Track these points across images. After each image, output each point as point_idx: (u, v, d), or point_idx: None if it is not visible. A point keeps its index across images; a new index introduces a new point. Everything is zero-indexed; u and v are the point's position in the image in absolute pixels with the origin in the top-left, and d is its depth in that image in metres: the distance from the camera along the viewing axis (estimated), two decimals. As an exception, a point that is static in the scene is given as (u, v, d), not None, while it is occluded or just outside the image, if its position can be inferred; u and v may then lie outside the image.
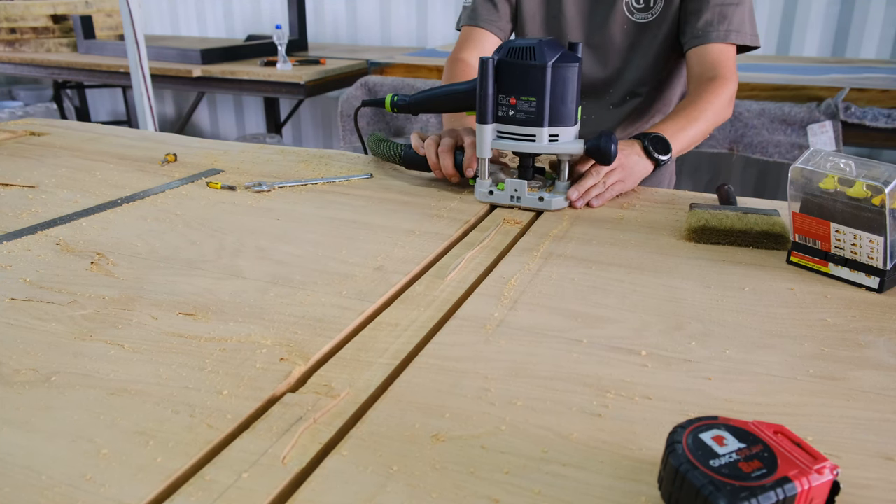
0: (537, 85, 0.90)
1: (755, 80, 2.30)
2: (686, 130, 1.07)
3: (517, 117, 0.93)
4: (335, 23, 3.82)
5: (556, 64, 0.90)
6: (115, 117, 4.66)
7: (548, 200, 0.95)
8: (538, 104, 0.91)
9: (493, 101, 0.93)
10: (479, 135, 0.94)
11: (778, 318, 0.67)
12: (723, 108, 1.13)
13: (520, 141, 0.94)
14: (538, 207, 0.95)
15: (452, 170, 1.02)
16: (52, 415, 0.51)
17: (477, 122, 0.94)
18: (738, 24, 1.16)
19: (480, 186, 0.98)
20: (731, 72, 1.16)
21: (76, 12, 3.56)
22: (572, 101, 0.92)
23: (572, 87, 0.91)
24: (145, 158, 1.25)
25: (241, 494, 0.43)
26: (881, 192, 0.68)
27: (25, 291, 0.71)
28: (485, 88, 0.92)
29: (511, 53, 0.91)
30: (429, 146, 1.04)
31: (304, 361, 0.59)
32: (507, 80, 0.92)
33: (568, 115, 0.92)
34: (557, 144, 0.93)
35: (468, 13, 1.34)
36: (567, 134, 0.93)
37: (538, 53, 0.90)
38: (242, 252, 0.82)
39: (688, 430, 0.42)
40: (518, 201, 0.96)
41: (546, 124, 0.92)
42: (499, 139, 0.95)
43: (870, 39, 2.85)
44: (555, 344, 0.62)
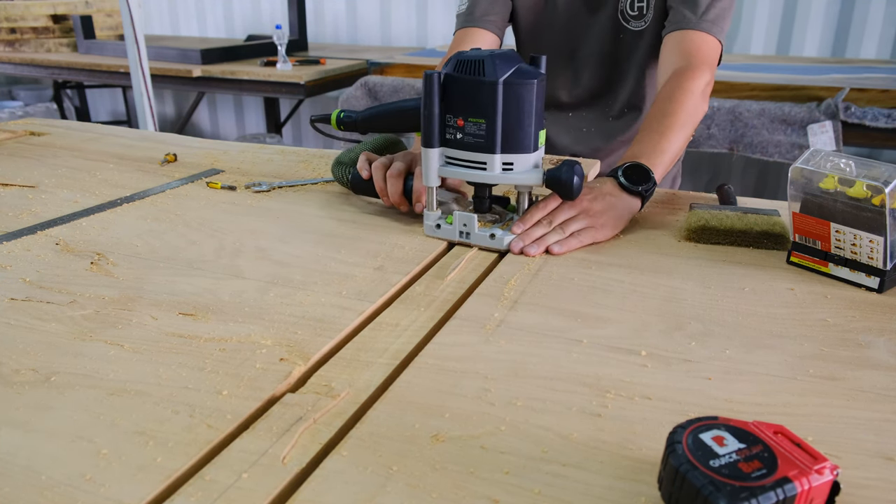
0: (487, 105, 0.77)
1: (755, 80, 2.30)
2: (662, 145, 0.94)
3: (466, 141, 0.80)
4: (335, 23, 3.82)
5: (510, 80, 0.76)
6: (115, 117, 4.66)
7: (499, 238, 0.81)
8: (488, 127, 0.78)
9: (440, 123, 0.81)
10: (424, 160, 0.82)
11: (778, 318, 0.67)
12: (697, 104, 1.02)
13: (470, 169, 0.81)
14: (488, 246, 0.83)
15: (400, 198, 0.90)
16: (52, 415, 0.51)
17: (421, 145, 0.82)
18: (714, 17, 1.10)
19: (427, 219, 0.86)
20: (704, 61, 1.07)
21: (76, 12, 3.56)
22: (530, 125, 0.78)
23: (529, 107, 0.78)
24: (145, 158, 1.25)
25: (241, 494, 0.43)
26: (881, 192, 0.68)
27: (25, 291, 0.72)
28: (429, 107, 0.79)
29: (459, 67, 0.78)
30: (376, 169, 0.91)
31: (304, 361, 0.59)
32: (454, 98, 0.79)
33: (524, 140, 0.79)
34: (512, 174, 0.80)
35: (462, 17, 1.28)
36: (524, 162, 0.80)
37: (488, 68, 0.77)
38: (242, 252, 0.82)
39: (688, 431, 0.42)
40: (467, 238, 0.83)
41: (498, 150, 0.79)
42: (447, 166, 0.83)
43: (870, 39, 2.85)
44: (555, 344, 0.62)
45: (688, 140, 1.00)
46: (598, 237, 0.83)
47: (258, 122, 4.19)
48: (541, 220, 0.83)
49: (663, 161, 0.93)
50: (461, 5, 1.28)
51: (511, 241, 0.81)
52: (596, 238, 0.83)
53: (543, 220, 0.83)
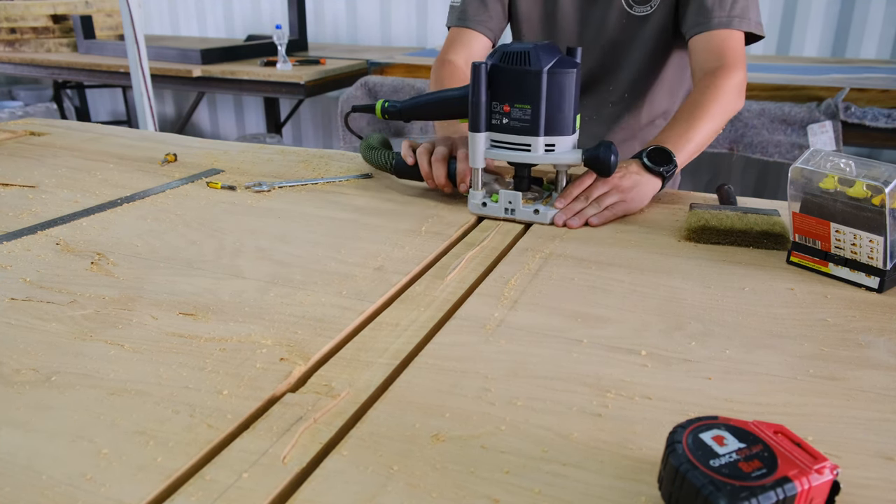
0: (532, 92, 0.86)
1: (755, 80, 2.30)
2: (689, 135, 1.00)
3: (511, 126, 0.88)
4: (335, 23, 3.82)
5: (553, 70, 0.85)
6: (115, 117, 4.66)
7: (543, 213, 0.91)
8: (533, 112, 0.86)
9: (487, 109, 0.89)
10: (472, 144, 0.90)
11: (778, 318, 0.67)
12: (731, 101, 1.06)
13: (514, 150, 0.89)
14: (533, 220, 0.92)
15: (445, 180, 0.98)
16: (52, 415, 0.51)
17: (469, 130, 0.90)
18: (741, 10, 1.10)
19: (473, 198, 0.94)
20: (736, 59, 1.09)
21: (76, 12, 3.56)
22: (570, 109, 0.87)
23: (570, 94, 0.86)
24: (145, 158, 1.25)
25: (241, 494, 0.43)
26: (881, 192, 0.68)
27: (25, 291, 0.72)
28: (477, 95, 0.87)
29: (505, 58, 0.86)
30: (421, 155, 0.99)
31: (304, 361, 0.59)
32: (500, 86, 0.87)
33: (565, 123, 0.88)
34: (554, 154, 0.89)
35: (456, 13, 1.28)
36: (564, 143, 0.89)
37: (533, 58, 0.85)
38: (242, 252, 0.82)
39: (688, 430, 0.42)
40: (512, 214, 0.92)
41: (542, 133, 0.88)
42: (492, 148, 0.91)
43: (870, 39, 2.85)
44: (555, 344, 0.62)
45: (716, 133, 1.04)
46: (631, 208, 0.93)
47: (258, 122, 4.19)
48: (579, 195, 0.92)
49: (687, 148, 0.98)
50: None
51: (554, 216, 0.90)
52: (628, 210, 0.93)
53: (581, 196, 0.92)
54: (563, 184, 0.94)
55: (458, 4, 1.27)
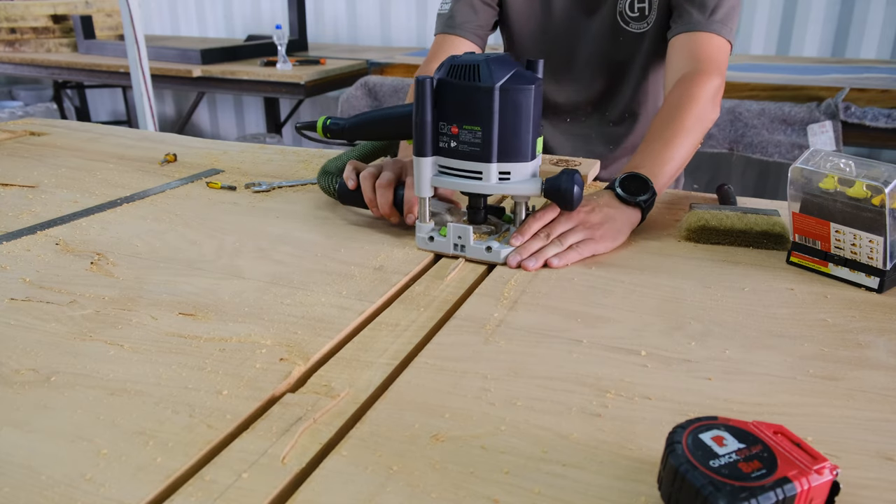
0: (483, 111, 0.74)
1: (755, 80, 2.30)
2: (666, 154, 0.91)
3: (460, 150, 0.76)
4: (335, 23, 3.82)
5: (506, 86, 0.73)
6: (115, 117, 4.66)
7: (496, 251, 0.78)
8: (484, 135, 0.74)
9: (433, 130, 0.77)
10: (417, 170, 0.78)
11: (778, 318, 0.67)
12: (706, 111, 0.98)
13: (464, 178, 0.77)
14: (485, 260, 0.79)
15: (390, 209, 0.86)
16: (52, 415, 0.51)
17: (413, 154, 0.78)
18: (722, 16, 1.05)
19: (419, 231, 0.82)
20: (714, 65, 1.03)
21: (76, 12, 3.56)
22: (527, 132, 0.75)
23: (527, 114, 0.74)
24: (145, 158, 1.25)
25: (240, 494, 0.43)
26: (881, 192, 0.68)
27: (25, 291, 0.72)
28: (421, 114, 0.76)
29: (452, 72, 0.75)
30: (364, 180, 0.87)
31: (304, 361, 0.59)
32: (448, 104, 0.75)
33: (522, 148, 0.76)
34: (509, 184, 0.77)
35: (443, 21, 1.21)
36: (521, 171, 0.76)
37: (483, 72, 0.73)
38: (242, 252, 0.82)
39: (687, 431, 0.42)
40: (462, 251, 0.80)
41: (495, 159, 0.75)
42: (440, 175, 0.79)
43: (870, 39, 2.85)
44: (555, 344, 0.62)
45: (695, 147, 0.96)
46: (598, 249, 0.81)
47: (258, 122, 4.19)
48: (538, 232, 0.80)
49: (665, 171, 0.89)
50: (443, 5, 1.23)
51: (508, 255, 0.78)
52: (595, 250, 0.80)
53: (541, 232, 0.80)
54: (523, 217, 0.81)
55: (446, 12, 1.21)
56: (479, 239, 0.80)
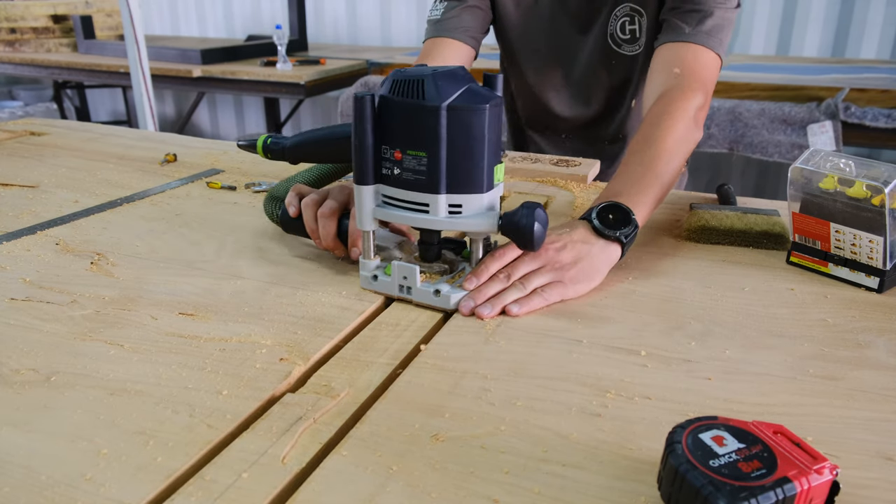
0: (429, 134, 0.64)
1: (755, 80, 2.30)
2: (647, 179, 0.80)
3: (405, 178, 0.66)
4: (335, 23, 3.83)
5: (456, 105, 0.63)
6: (115, 117, 4.66)
7: (445, 296, 0.68)
8: (431, 161, 0.64)
9: (374, 155, 0.67)
10: (358, 199, 0.69)
11: (778, 318, 0.67)
12: (687, 132, 0.88)
13: (410, 211, 0.67)
14: (433, 305, 0.69)
15: (333, 241, 0.76)
16: (52, 415, 0.51)
17: (354, 181, 0.69)
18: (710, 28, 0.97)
19: (363, 269, 0.72)
20: (698, 81, 0.93)
21: (76, 12, 3.56)
22: (481, 159, 0.65)
23: (480, 137, 0.64)
24: (145, 158, 1.25)
25: (240, 494, 0.43)
26: (881, 192, 0.68)
27: (25, 291, 0.72)
28: (361, 137, 0.65)
29: (396, 88, 0.65)
30: (307, 207, 0.77)
31: (304, 361, 0.59)
32: (391, 125, 0.65)
33: (475, 177, 0.65)
34: (461, 218, 0.67)
35: (433, 25, 1.16)
36: (475, 204, 0.66)
37: (429, 89, 0.63)
38: (242, 252, 0.82)
39: (687, 430, 0.42)
40: (408, 293, 0.70)
41: (443, 190, 0.65)
42: (384, 206, 0.69)
43: (870, 39, 2.85)
44: (555, 344, 0.62)
45: (679, 171, 0.86)
46: (568, 294, 0.70)
47: (258, 122, 4.19)
48: (497, 273, 0.70)
49: (648, 198, 0.79)
50: (433, 11, 1.17)
51: (460, 300, 0.68)
52: (565, 295, 0.70)
53: (500, 274, 0.69)
54: (480, 255, 0.71)
55: (438, 17, 1.16)
56: (428, 280, 0.70)
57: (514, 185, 1.08)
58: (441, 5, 1.17)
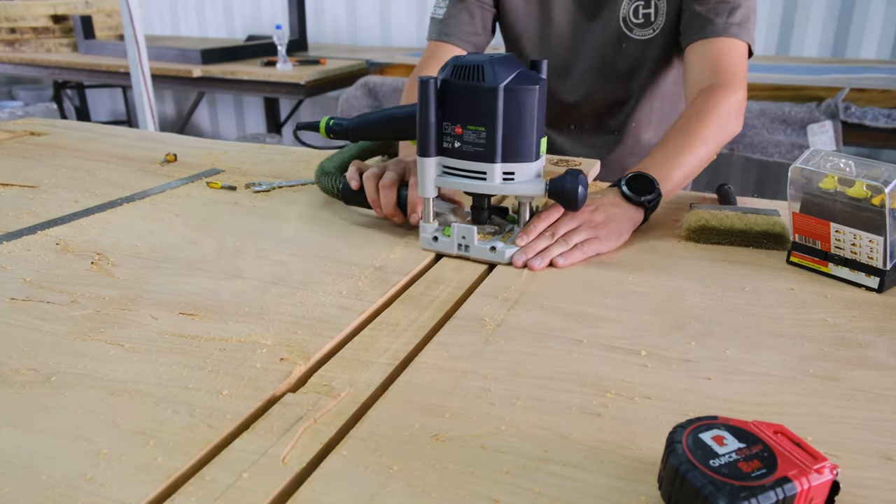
0: (487, 112, 0.74)
1: (755, 80, 2.30)
2: (677, 160, 0.89)
3: (465, 150, 0.76)
4: (335, 23, 3.82)
5: (511, 86, 0.73)
6: (115, 117, 4.66)
7: (500, 251, 0.78)
8: (489, 135, 0.74)
9: (437, 131, 0.76)
10: (420, 170, 0.78)
11: (778, 318, 0.67)
12: (727, 123, 0.96)
13: (468, 179, 0.77)
14: (490, 260, 0.79)
15: (394, 209, 0.86)
16: (52, 415, 0.51)
17: (417, 154, 0.78)
18: (741, 18, 1.00)
19: (423, 231, 0.82)
20: (735, 75, 0.99)
21: (76, 12, 3.56)
22: (531, 132, 0.75)
23: (531, 114, 0.74)
24: (145, 158, 1.25)
25: (241, 494, 0.43)
26: (881, 192, 0.68)
27: (25, 291, 0.72)
28: (425, 115, 0.75)
29: (456, 73, 0.74)
30: (368, 180, 0.87)
31: (305, 361, 0.59)
32: (452, 104, 0.75)
33: (526, 148, 0.75)
34: (513, 184, 0.77)
35: (437, 26, 1.18)
36: (525, 171, 0.76)
37: (488, 73, 0.73)
38: (242, 252, 0.82)
39: (688, 430, 0.42)
40: (466, 251, 0.80)
41: (499, 160, 0.75)
42: (444, 176, 0.78)
43: (870, 39, 2.85)
44: (555, 344, 0.62)
45: (709, 159, 0.94)
46: (603, 248, 0.81)
47: (258, 122, 4.19)
48: (543, 231, 0.80)
49: (674, 176, 0.88)
50: (437, 8, 1.20)
51: (514, 254, 0.78)
52: (600, 249, 0.80)
53: (546, 232, 0.80)
54: (527, 217, 0.82)
55: (441, 17, 1.19)
56: (483, 239, 0.80)
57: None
58: (444, 3, 1.18)
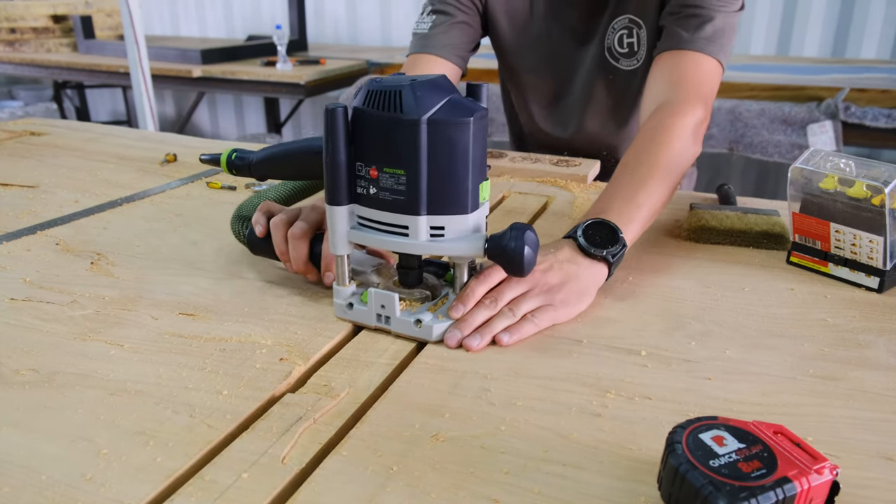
0: (407, 151, 0.57)
1: (755, 80, 2.30)
2: (638, 198, 0.75)
3: (382, 199, 0.60)
4: (335, 23, 3.83)
5: (437, 118, 0.57)
6: (115, 117, 4.66)
7: (427, 326, 0.62)
8: (410, 180, 0.58)
9: (348, 173, 0.60)
10: (330, 221, 0.62)
11: (778, 318, 0.67)
12: (684, 149, 0.83)
13: (387, 234, 0.61)
14: (415, 336, 0.63)
15: (305, 265, 0.70)
16: (52, 415, 0.51)
17: (325, 201, 0.62)
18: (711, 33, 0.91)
19: (337, 296, 0.65)
20: (696, 92, 0.88)
21: (76, 12, 3.56)
22: (465, 178, 0.59)
23: (464, 154, 0.58)
24: (145, 158, 1.25)
25: (240, 494, 0.43)
26: (881, 192, 0.68)
27: (25, 291, 0.72)
28: (333, 153, 0.59)
29: (370, 100, 0.58)
30: (275, 228, 0.71)
31: (304, 361, 0.59)
32: (365, 141, 0.59)
33: (459, 197, 0.59)
34: (443, 242, 0.60)
35: (421, 40, 1.10)
36: (459, 226, 0.60)
37: (407, 101, 0.57)
38: (242, 252, 0.82)
39: (687, 430, 0.42)
40: (387, 323, 0.63)
41: (423, 211, 0.59)
42: (359, 228, 0.62)
43: (870, 39, 2.85)
44: (555, 344, 0.62)
45: (674, 189, 0.81)
46: (560, 317, 0.65)
47: (258, 122, 4.19)
48: (483, 298, 0.64)
49: (637, 217, 0.74)
50: (420, 24, 1.11)
51: (445, 332, 0.62)
52: (557, 319, 0.65)
53: (486, 300, 0.64)
54: (465, 279, 0.65)
55: (425, 31, 1.10)
56: (408, 308, 0.64)
57: (514, 185, 1.08)
58: (428, 19, 1.11)
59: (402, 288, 0.66)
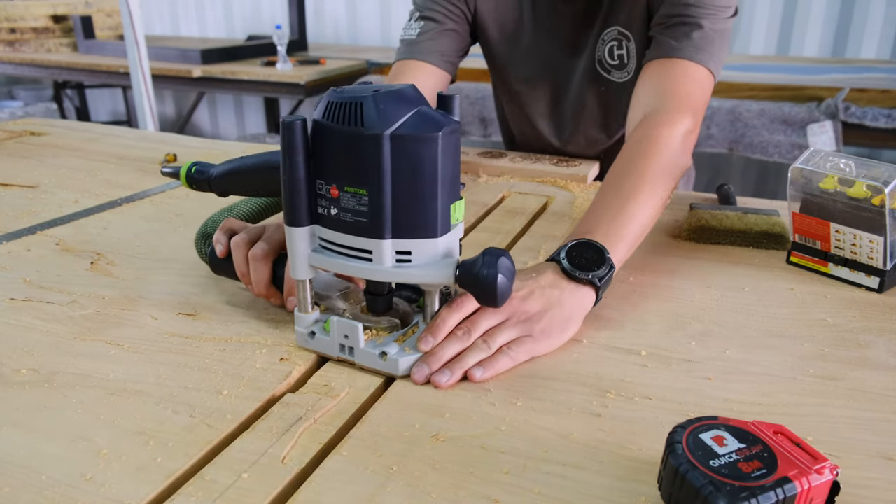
0: (369, 168, 0.52)
1: (755, 80, 2.30)
2: (623, 217, 0.70)
3: (343, 220, 0.55)
4: (335, 23, 3.83)
5: (401, 133, 0.52)
6: (115, 117, 4.66)
7: (393, 359, 0.56)
8: (372, 200, 0.53)
9: (307, 191, 0.55)
10: (290, 243, 0.57)
11: (778, 318, 0.67)
12: (673, 161, 0.78)
13: (349, 259, 0.56)
14: (380, 370, 0.57)
15: (267, 288, 0.65)
16: (52, 415, 0.51)
17: (285, 222, 0.57)
18: (699, 41, 0.87)
19: (298, 323, 0.60)
20: (685, 101, 0.84)
21: (76, 12, 3.56)
22: (434, 198, 0.54)
23: (432, 173, 0.53)
24: (145, 158, 1.25)
25: (240, 494, 0.43)
26: (881, 192, 0.68)
27: (25, 291, 0.72)
28: (291, 170, 0.54)
29: (330, 112, 0.53)
30: (236, 248, 0.66)
31: (304, 361, 0.59)
32: (326, 156, 0.54)
33: (427, 219, 0.54)
34: (410, 268, 0.55)
35: (409, 46, 1.08)
36: (427, 251, 0.55)
37: (368, 114, 0.51)
38: (242, 252, 0.82)
39: (688, 431, 0.42)
40: (350, 354, 0.58)
41: (388, 234, 0.54)
42: (320, 251, 0.57)
43: (870, 39, 2.85)
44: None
45: (664, 204, 0.76)
46: (539, 350, 0.60)
47: (258, 122, 4.19)
48: (456, 329, 0.59)
49: (625, 235, 0.69)
50: (407, 30, 1.09)
51: (413, 366, 0.57)
52: (535, 352, 0.59)
53: (459, 331, 0.58)
54: (435, 308, 0.60)
55: (413, 37, 1.08)
56: (374, 338, 0.58)
57: (514, 185, 1.08)
58: (416, 25, 1.08)
59: (370, 315, 0.61)
